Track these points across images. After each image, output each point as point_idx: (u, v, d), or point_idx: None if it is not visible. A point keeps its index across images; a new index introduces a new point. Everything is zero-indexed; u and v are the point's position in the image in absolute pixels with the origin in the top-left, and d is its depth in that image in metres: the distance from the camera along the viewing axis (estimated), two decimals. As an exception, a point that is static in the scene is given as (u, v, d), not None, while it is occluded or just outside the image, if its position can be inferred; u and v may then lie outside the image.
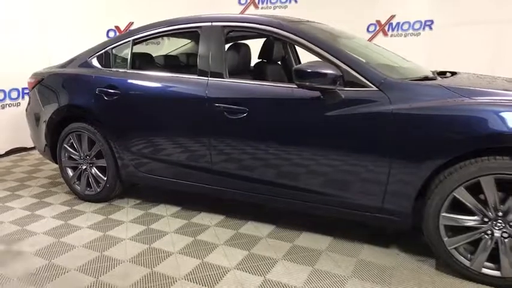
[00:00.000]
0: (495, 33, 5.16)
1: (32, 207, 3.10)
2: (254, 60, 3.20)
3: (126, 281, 2.08)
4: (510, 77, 2.79)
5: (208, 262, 2.25)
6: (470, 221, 1.96)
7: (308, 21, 2.82)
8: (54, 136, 3.21)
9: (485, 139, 1.84)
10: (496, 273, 1.95)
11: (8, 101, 4.63)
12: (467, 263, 2.00)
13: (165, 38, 4.02)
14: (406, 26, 5.84)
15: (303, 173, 2.30)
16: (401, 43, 5.85)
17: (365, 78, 2.12)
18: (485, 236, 1.94)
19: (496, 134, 1.82)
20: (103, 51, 3.05)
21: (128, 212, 2.97)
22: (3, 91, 4.59)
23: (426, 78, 2.29)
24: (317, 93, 2.17)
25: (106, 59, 3.03)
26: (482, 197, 1.93)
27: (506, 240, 1.90)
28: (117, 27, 5.60)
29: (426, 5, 5.65)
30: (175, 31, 2.82)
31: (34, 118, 3.37)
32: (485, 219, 1.93)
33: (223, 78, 2.51)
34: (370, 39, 6.05)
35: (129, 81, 2.82)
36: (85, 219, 2.86)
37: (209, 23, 2.62)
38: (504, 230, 1.90)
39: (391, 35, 5.95)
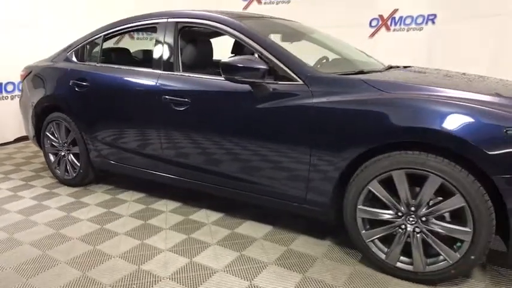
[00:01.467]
0: (498, 27, 4.96)
1: (16, 188, 3.40)
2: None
3: (69, 255, 2.28)
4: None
5: (147, 243, 2.41)
6: (384, 214, 1.98)
7: (262, 16, 2.90)
8: (38, 124, 3.48)
9: (394, 133, 1.86)
10: (410, 267, 1.96)
11: (17, 92, 5.01)
12: (383, 256, 2.02)
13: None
14: (408, 21, 5.71)
15: (236, 163, 2.39)
16: (403, 38, 5.74)
17: (293, 72, 2.18)
18: (400, 230, 1.96)
19: (404, 128, 1.83)
20: (80, 45, 3.28)
21: (97, 196, 3.19)
22: (13, 83, 4.98)
23: (361, 72, 2.31)
24: (248, 87, 2.25)
25: (81, 53, 3.26)
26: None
27: (418, 235, 1.91)
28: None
29: (429, -1, 5.49)
30: (139, 27, 2.99)
31: (24, 108, 3.66)
32: (399, 214, 1.94)
33: (174, 71, 2.64)
34: (372, 34, 5.99)
35: (96, 74, 3.03)
36: (57, 201, 3.10)
37: (165, 19, 2.76)
38: (416, 225, 1.91)
39: (394, 30, 5.84)
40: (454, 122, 1.73)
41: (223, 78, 2.32)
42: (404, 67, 2.75)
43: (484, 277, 2.01)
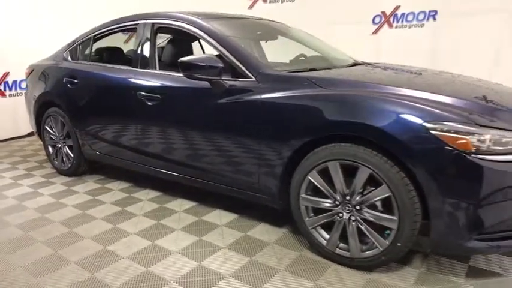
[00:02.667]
0: (500, 23, 4.88)
1: (19, 177, 3.72)
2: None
3: (46, 236, 2.54)
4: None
5: (119, 228, 2.62)
6: (324, 203, 2.10)
7: (242, 16, 3.07)
8: (39, 119, 3.79)
9: (326, 127, 1.98)
10: (347, 253, 2.07)
11: (31, 90, 5.39)
12: (324, 242, 2.14)
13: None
14: (410, 17, 5.69)
15: (199, 155, 2.56)
16: (406, 35, 5.72)
17: (247, 69, 2.33)
18: (337, 217, 2.07)
19: (333, 122, 1.95)
20: (74, 45, 3.55)
21: (87, 185, 3.45)
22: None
23: (313, 69, 2.43)
24: (207, 83, 2.42)
25: (74, 52, 3.53)
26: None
27: (353, 223, 2.02)
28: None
29: (431, -6, 5.45)
30: (123, 28, 3.21)
31: (29, 104, 3.99)
32: (336, 202, 2.05)
33: (149, 69, 2.84)
34: (375, 31, 6.00)
35: (85, 72, 3.28)
36: (51, 189, 3.39)
37: (144, 21, 2.97)
38: (351, 214, 2.01)
39: (396, 27, 5.83)
40: (377, 116, 1.83)
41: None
42: (372, 64, 2.84)
43: (421, 265, 2.09)
